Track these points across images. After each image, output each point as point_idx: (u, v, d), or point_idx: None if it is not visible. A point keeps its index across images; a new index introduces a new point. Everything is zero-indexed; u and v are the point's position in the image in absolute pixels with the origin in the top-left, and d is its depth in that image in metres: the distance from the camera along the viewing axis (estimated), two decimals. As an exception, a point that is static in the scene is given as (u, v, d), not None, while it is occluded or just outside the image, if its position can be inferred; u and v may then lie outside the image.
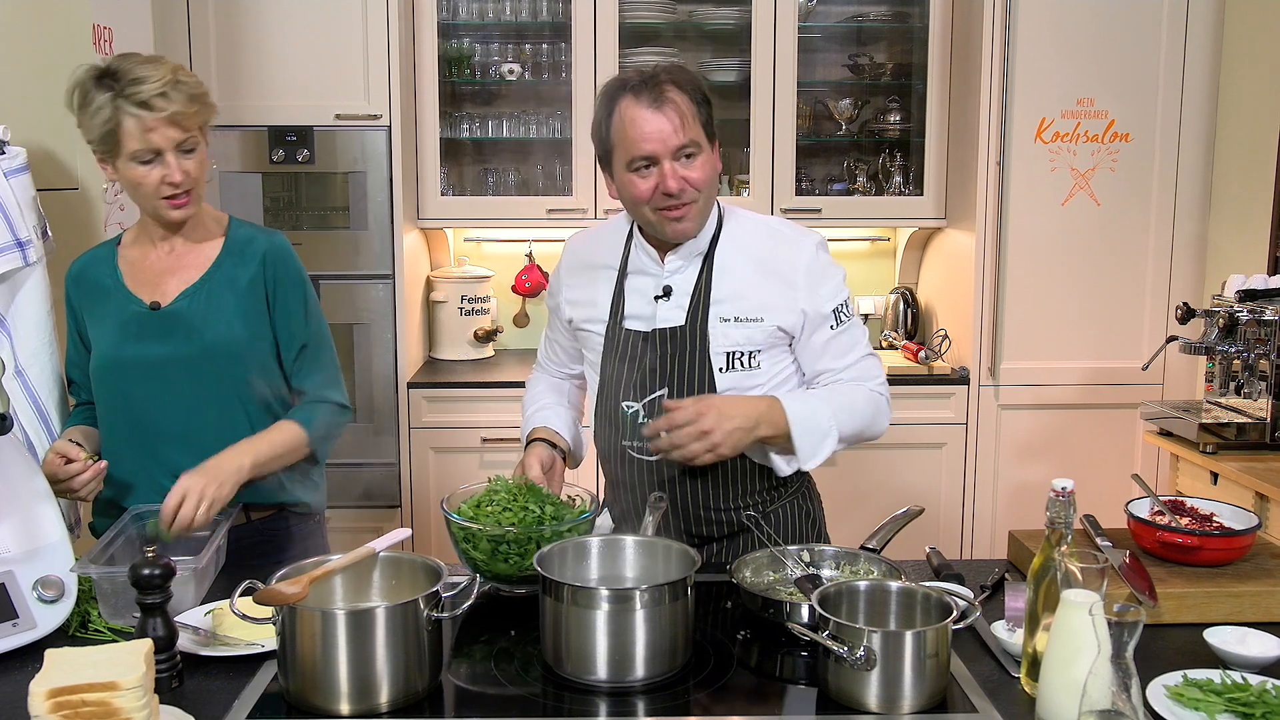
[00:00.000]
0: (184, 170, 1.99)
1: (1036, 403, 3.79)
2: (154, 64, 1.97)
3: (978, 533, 3.85)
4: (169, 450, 2.05)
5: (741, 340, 1.98)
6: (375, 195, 3.66)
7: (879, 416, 2.04)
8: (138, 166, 1.97)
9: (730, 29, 4.01)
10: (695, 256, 2.01)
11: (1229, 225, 3.67)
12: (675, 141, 1.88)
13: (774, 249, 2.02)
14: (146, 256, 2.11)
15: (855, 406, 2.00)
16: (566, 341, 2.23)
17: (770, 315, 1.98)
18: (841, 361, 2.03)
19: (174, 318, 2.05)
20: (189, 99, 1.97)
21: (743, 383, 1.99)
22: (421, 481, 3.77)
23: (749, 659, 1.66)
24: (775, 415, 1.91)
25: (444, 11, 3.91)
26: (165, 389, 2.05)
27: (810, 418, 1.94)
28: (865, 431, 2.02)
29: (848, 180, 4.15)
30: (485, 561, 1.79)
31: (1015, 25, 3.63)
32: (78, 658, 1.39)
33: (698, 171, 1.91)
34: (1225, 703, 1.44)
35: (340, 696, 1.47)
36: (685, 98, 1.90)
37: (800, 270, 1.99)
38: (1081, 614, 1.35)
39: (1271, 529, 2.68)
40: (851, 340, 2.03)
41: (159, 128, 1.94)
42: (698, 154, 1.91)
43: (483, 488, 1.92)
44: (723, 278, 2.00)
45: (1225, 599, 1.76)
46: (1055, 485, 1.50)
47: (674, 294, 2.01)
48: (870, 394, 2.03)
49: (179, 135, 1.97)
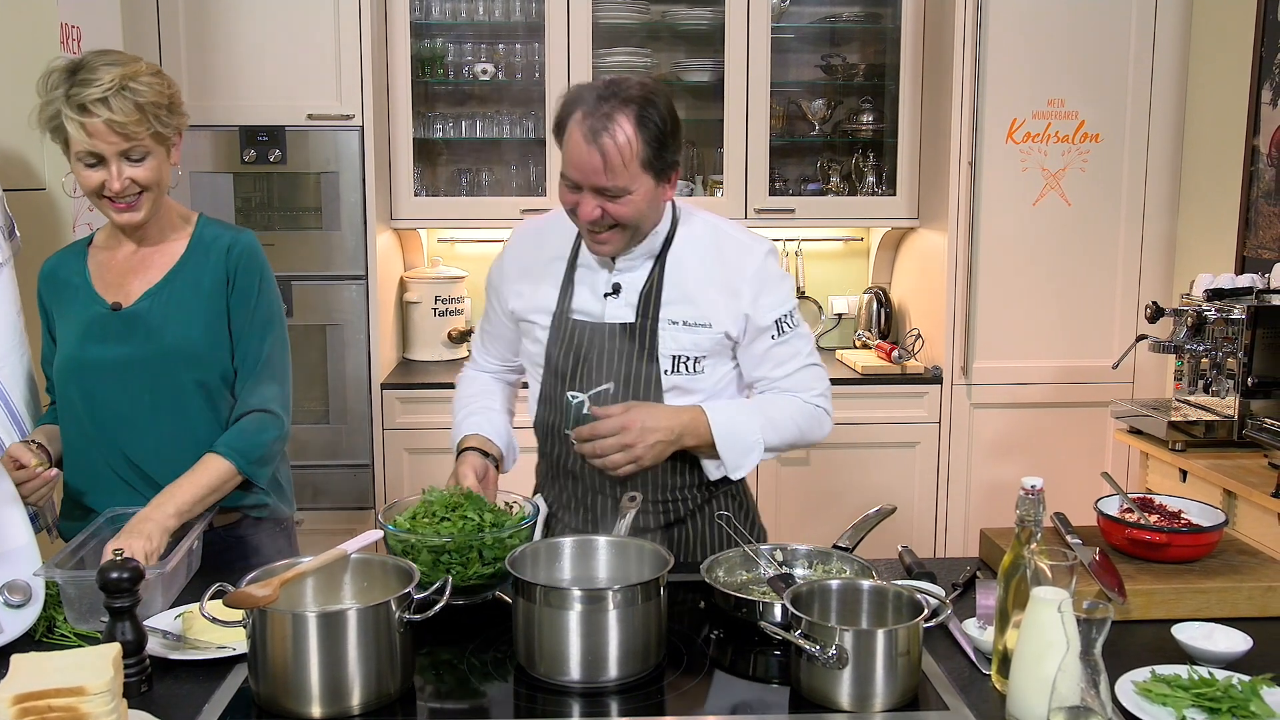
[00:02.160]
0: (127, 177, 1.92)
1: (1008, 401, 3.82)
2: (113, 66, 1.90)
3: (950, 531, 3.87)
4: (129, 450, 2.03)
5: (688, 345, 1.98)
6: (348, 195, 3.64)
7: (815, 426, 2.06)
8: (82, 168, 1.93)
9: (703, 29, 4.01)
10: (647, 257, 2.01)
11: (1197, 225, 3.71)
12: (599, 181, 1.84)
13: (725, 255, 2.01)
14: (114, 256, 2.09)
15: (786, 418, 2.02)
16: (508, 333, 2.18)
17: (718, 322, 1.98)
18: (779, 371, 2.03)
19: (134, 319, 2.03)
20: (134, 108, 1.89)
21: (687, 384, 2.00)
22: (395, 483, 3.75)
23: (722, 658, 1.66)
24: (699, 427, 1.95)
25: (417, 11, 3.89)
26: (125, 390, 2.02)
27: (735, 430, 1.97)
28: (799, 441, 2.05)
29: (821, 180, 4.16)
30: (427, 573, 1.72)
31: (986, 27, 3.65)
32: (45, 663, 1.38)
33: (623, 208, 1.87)
34: (1192, 698, 1.45)
35: (312, 699, 1.46)
36: (635, 135, 1.83)
37: (747, 278, 1.99)
38: (1051, 611, 1.36)
39: (1239, 526, 2.71)
40: (792, 351, 2.03)
41: (97, 133, 1.88)
42: (624, 195, 1.86)
43: (417, 499, 1.88)
44: (674, 281, 1.99)
45: (1193, 595, 1.78)
46: (1025, 483, 1.51)
47: (623, 291, 2.00)
48: (805, 405, 2.04)
49: (121, 143, 1.90)
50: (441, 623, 1.65)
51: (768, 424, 1.99)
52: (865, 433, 3.79)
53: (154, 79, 1.94)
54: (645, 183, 1.88)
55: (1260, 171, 3.38)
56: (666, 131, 1.87)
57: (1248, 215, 3.43)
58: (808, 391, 2.05)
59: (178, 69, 3.54)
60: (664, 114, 1.87)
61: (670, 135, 1.88)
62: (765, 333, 2.00)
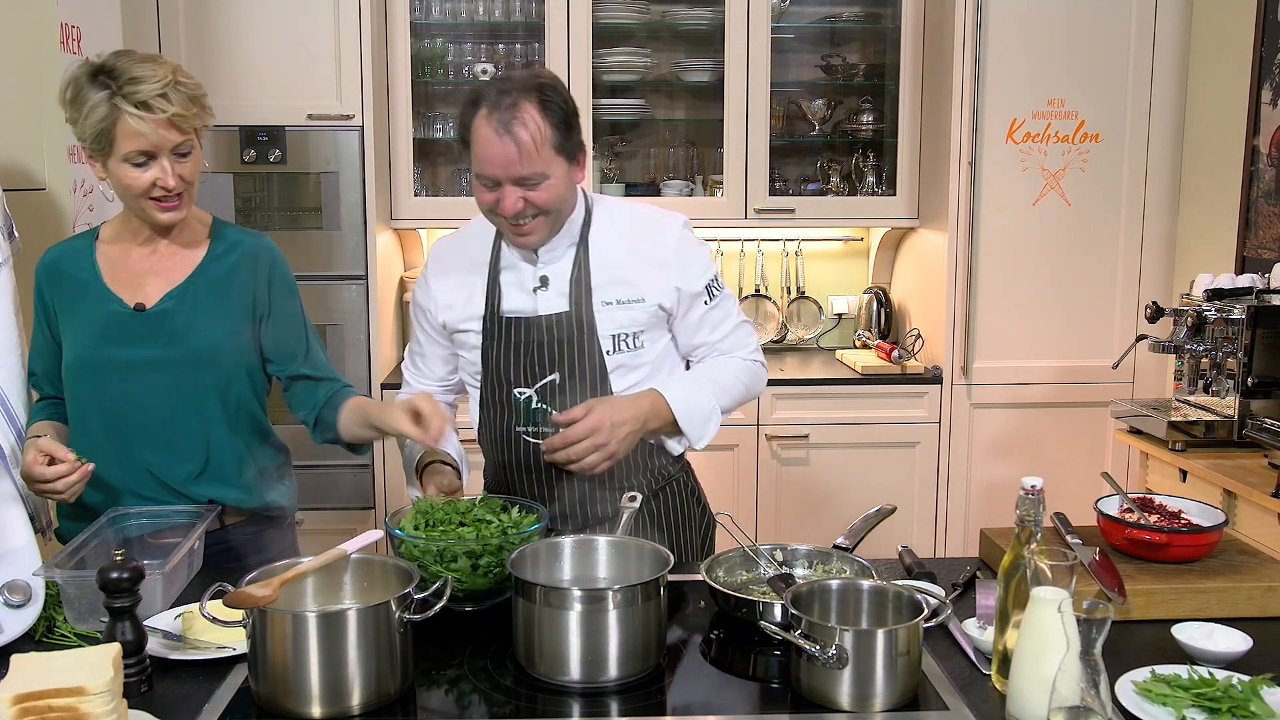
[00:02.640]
0: (178, 174, 1.94)
1: (1008, 401, 3.82)
2: (153, 63, 1.92)
3: (950, 531, 3.87)
4: (144, 453, 2.02)
5: (626, 322, 2.03)
6: (348, 195, 3.64)
7: (756, 381, 2.16)
8: (130, 168, 1.92)
9: (703, 29, 4.01)
10: (569, 246, 2.04)
11: (1197, 225, 3.71)
12: (517, 171, 1.88)
13: (643, 232, 2.07)
14: (128, 255, 2.06)
15: (733, 378, 2.10)
16: (442, 350, 2.20)
17: (650, 296, 2.04)
18: (716, 334, 2.11)
19: (158, 320, 2.02)
20: (188, 100, 1.93)
21: (630, 361, 2.05)
22: (395, 483, 3.75)
23: (722, 658, 1.66)
24: (660, 408, 2.00)
25: (416, 11, 3.89)
26: (145, 391, 2.01)
27: (692, 402, 2.03)
28: (745, 398, 2.14)
29: (821, 180, 4.16)
30: (465, 578, 1.72)
31: (986, 27, 3.65)
32: (45, 663, 1.38)
33: (543, 194, 1.91)
34: (1192, 698, 1.45)
35: (312, 699, 1.46)
36: (542, 120, 1.88)
37: (670, 250, 2.05)
38: (1051, 611, 1.36)
39: (1239, 526, 2.71)
40: (724, 313, 2.11)
41: (158, 129, 1.89)
42: (542, 181, 1.90)
43: (408, 511, 1.87)
44: (600, 263, 2.04)
45: (1193, 595, 1.78)
46: (1025, 483, 1.51)
47: (552, 282, 2.04)
48: (744, 363, 2.13)
49: (177, 138, 1.92)
50: (442, 623, 1.66)
51: (718, 389, 2.07)
52: (865, 433, 3.79)
53: (186, 75, 1.98)
54: (559, 166, 1.93)
55: (1260, 171, 3.38)
56: (569, 113, 1.93)
57: (1248, 215, 3.43)
58: (744, 349, 2.14)
59: (178, 69, 3.54)
60: (564, 98, 1.93)
61: (573, 116, 1.94)
62: (698, 299, 2.07)
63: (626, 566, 1.73)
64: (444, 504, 1.87)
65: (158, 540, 1.94)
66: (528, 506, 1.90)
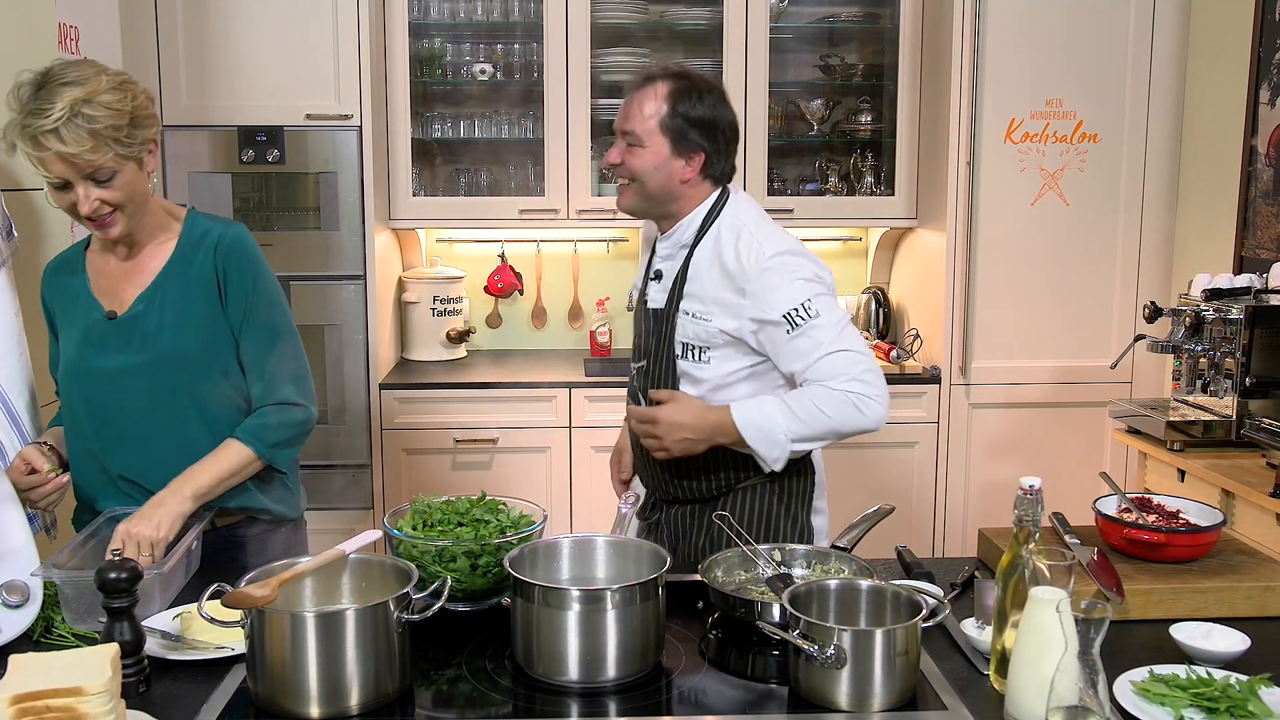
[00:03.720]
0: (95, 199, 1.87)
1: (1007, 401, 3.82)
2: (71, 87, 1.81)
3: (949, 531, 3.87)
4: (125, 459, 2.01)
5: (693, 335, 2.12)
6: (346, 195, 3.64)
7: (850, 413, 1.99)
8: (53, 190, 1.88)
9: (702, 29, 4.01)
10: (681, 247, 2.16)
11: (1195, 225, 3.71)
12: (620, 124, 2.11)
13: (737, 255, 2.06)
14: (108, 261, 2.06)
15: (813, 409, 1.99)
16: None
17: (715, 319, 2.08)
18: (801, 364, 2.02)
19: (128, 327, 2.00)
20: (88, 135, 1.80)
21: (694, 373, 2.13)
22: (394, 483, 3.75)
23: (720, 658, 1.66)
24: (726, 425, 2.03)
25: (415, 11, 3.89)
26: (126, 397, 2.00)
27: (760, 426, 2.01)
28: (840, 428, 2.00)
29: (819, 180, 4.16)
30: (463, 578, 1.73)
31: (985, 27, 3.65)
32: (43, 663, 1.38)
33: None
34: (1191, 698, 1.45)
35: (310, 699, 1.46)
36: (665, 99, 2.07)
37: (750, 278, 2.04)
38: (1049, 611, 1.36)
39: (1237, 525, 2.71)
40: (812, 342, 2.01)
41: (51, 165, 1.82)
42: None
43: (407, 510, 1.87)
44: (694, 273, 2.13)
45: (1191, 595, 1.78)
46: (1023, 483, 1.51)
47: (663, 277, 2.18)
48: (833, 392, 1.99)
49: (77, 171, 1.84)
50: (440, 623, 1.66)
51: (791, 416, 1.99)
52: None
53: (114, 95, 1.85)
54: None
55: (1258, 171, 3.38)
56: (697, 116, 2.08)
57: (1246, 215, 3.44)
58: (834, 379, 1.99)
59: (176, 69, 3.54)
60: (709, 104, 2.09)
61: (700, 122, 2.08)
62: (779, 328, 2.02)
63: (625, 566, 1.73)
64: (442, 504, 1.87)
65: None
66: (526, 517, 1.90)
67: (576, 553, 1.75)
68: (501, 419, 3.74)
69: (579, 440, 3.75)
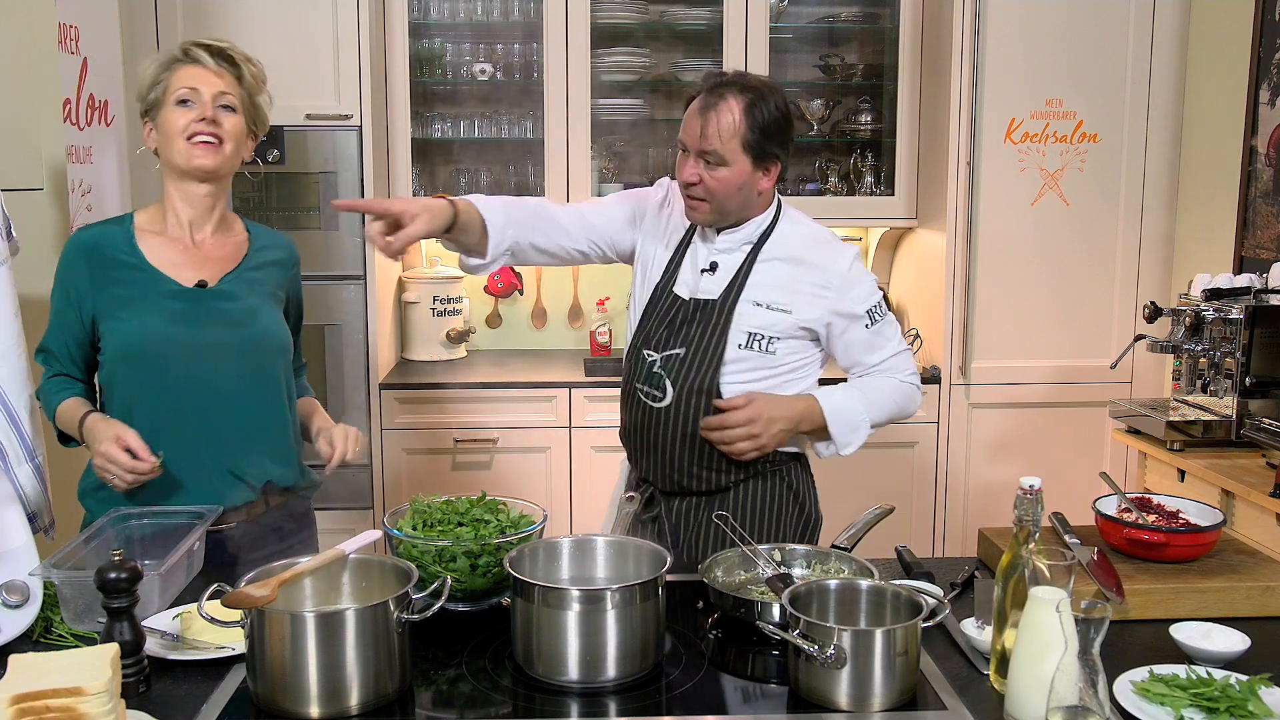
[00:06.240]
0: (218, 116, 2.04)
1: (1007, 401, 3.82)
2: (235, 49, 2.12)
3: (948, 531, 3.87)
4: (204, 436, 2.03)
5: (765, 324, 2.16)
6: (346, 195, 3.63)
7: (908, 402, 2.27)
8: (173, 106, 2.02)
9: (702, 29, 4.01)
10: (743, 244, 2.20)
11: (1195, 225, 3.71)
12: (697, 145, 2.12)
13: (816, 255, 2.19)
14: (169, 243, 2.07)
15: (885, 396, 2.23)
16: (612, 231, 2.30)
17: (798, 311, 2.16)
18: (874, 357, 2.23)
19: (221, 299, 2.06)
20: (244, 60, 2.12)
21: (758, 361, 2.16)
22: (394, 483, 3.75)
23: (720, 658, 1.66)
24: (813, 412, 2.16)
25: (415, 11, 3.89)
26: (212, 374, 2.03)
27: (844, 411, 2.18)
28: (897, 415, 2.27)
29: (819, 180, 4.16)
30: (463, 578, 1.73)
31: (985, 27, 3.65)
32: (43, 663, 1.38)
33: (716, 178, 2.09)
34: (1190, 698, 1.45)
35: (310, 699, 1.46)
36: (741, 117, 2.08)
37: (838, 276, 2.18)
38: (1049, 611, 1.36)
39: (1237, 525, 2.72)
40: (885, 339, 2.23)
41: (203, 75, 2.04)
42: (721, 166, 2.09)
43: (406, 510, 1.87)
44: (763, 269, 2.18)
45: (1191, 595, 1.78)
46: (1023, 483, 1.51)
47: (719, 270, 2.19)
48: (899, 384, 2.24)
49: (220, 85, 2.06)
50: (440, 623, 1.66)
51: (870, 404, 2.21)
52: (864, 433, 3.78)
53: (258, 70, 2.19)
54: (742, 162, 2.08)
55: (1258, 171, 3.38)
56: (771, 124, 2.09)
57: (1246, 215, 3.44)
58: (902, 372, 2.25)
59: (176, 69, 3.53)
60: (773, 106, 2.09)
61: (775, 130, 2.10)
62: (859, 321, 2.20)
63: (625, 566, 1.73)
64: (442, 504, 1.87)
65: (161, 541, 1.93)
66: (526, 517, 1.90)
67: (576, 553, 1.75)
68: (501, 419, 3.75)
69: (579, 440, 3.75)
